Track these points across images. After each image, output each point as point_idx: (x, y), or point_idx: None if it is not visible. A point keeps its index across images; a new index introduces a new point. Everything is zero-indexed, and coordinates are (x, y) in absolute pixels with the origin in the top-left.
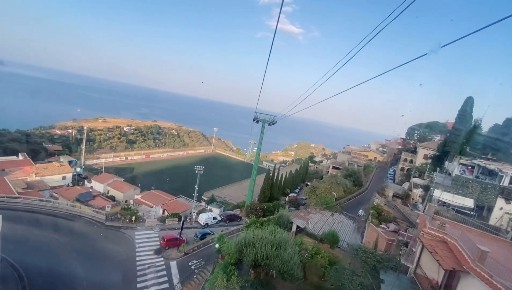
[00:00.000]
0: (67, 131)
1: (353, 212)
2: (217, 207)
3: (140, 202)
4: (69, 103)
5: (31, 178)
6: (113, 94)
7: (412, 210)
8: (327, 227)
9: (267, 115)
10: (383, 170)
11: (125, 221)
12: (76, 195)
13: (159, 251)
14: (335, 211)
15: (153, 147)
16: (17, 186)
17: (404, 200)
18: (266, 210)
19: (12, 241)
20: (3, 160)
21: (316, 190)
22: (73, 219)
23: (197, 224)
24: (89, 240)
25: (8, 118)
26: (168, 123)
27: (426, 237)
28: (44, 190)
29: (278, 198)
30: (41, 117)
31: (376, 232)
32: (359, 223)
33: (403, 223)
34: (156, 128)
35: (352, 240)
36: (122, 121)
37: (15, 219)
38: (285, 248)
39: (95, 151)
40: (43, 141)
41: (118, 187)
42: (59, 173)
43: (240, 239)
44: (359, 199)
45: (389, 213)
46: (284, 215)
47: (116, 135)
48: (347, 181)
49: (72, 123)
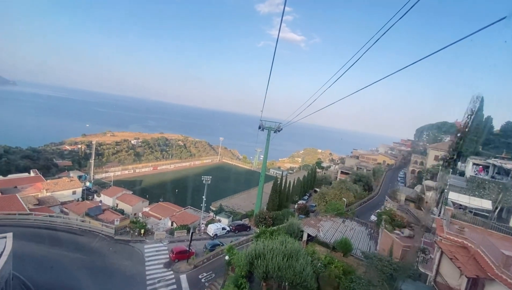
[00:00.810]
0: (77, 146)
1: (364, 217)
2: (226, 217)
3: (148, 215)
4: (78, 119)
5: (42, 194)
6: (120, 109)
7: (427, 214)
8: (339, 235)
9: (272, 122)
10: (393, 173)
11: (134, 235)
12: (86, 209)
13: (169, 264)
14: (346, 218)
15: (161, 159)
16: (28, 202)
17: (417, 203)
18: (275, 218)
19: (23, 258)
20: (16, 177)
21: (326, 197)
22: (83, 234)
23: (206, 235)
24: (99, 255)
25: (20, 136)
26: (174, 135)
27: (445, 242)
28: (54, 206)
29: (287, 206)
30: (52, 133)
31: (390, 238)
32: (372, 229)
33: (418, 228)
34: (163, 140)
35: (366, 248)
36: (130, 134)
37: (26, 236)
38: (297, 258)
39: (104, 165)
40: (53, 157)
41: (126, 200)
42: (69, 188)
43: (250, 251)
44: (370, 204)
45: (402, 218)
46: (294, 224)
47: (124, 148)
48: (357, 186)
49: (82, 138)
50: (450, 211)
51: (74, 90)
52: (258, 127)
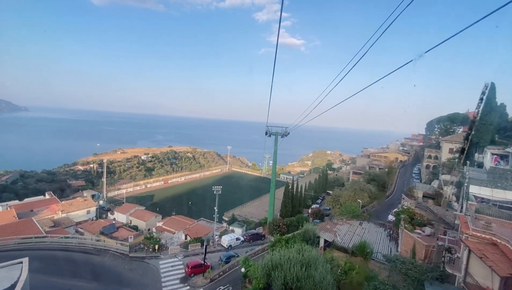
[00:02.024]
0: (89, 166)
1: (382, 218)
2: (239, 227)
3: (162, 229)
4: (89, 139)
5: (58, 215)
6: (128, 126)
7: (447, 210)
8: (357, 238)
9: (279, 127)
10: (407, 170)
11: (149, 251)
12: (100, 228)
13: (185, 279)
14: (363, 220)
15: (171, 172)
16: (44, 225)
17: (436, 199)
18: (289, 225)
19: (40, 282)
20: (32, 200)
21: (340, 199)
22: (98, 253)
23: (220, 247)
24: (115, 274)
25: (35, 159)
26: (183, 147)
27: (471, 240)
28: (69, 227)
29: (300, 211)
30: (64, 155)
31: (411, 238)
32: (390, 229)
33: (440, 225)
34: (172, 153)
35: (387, 250)
36: (139, 150)
37: (42, 258)
38: (315, 267)
39: (116, 183)
40: (67, 178)
41: (140, 216)
42: (83, 208)
43: (267, 262)
44: (386, 204)
45: (422, 215)
46: (309, 230)
47: (134, 164)
48: (371, 185)
49: (93, 157)
50: (474, 206)
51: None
52: (265, 133)
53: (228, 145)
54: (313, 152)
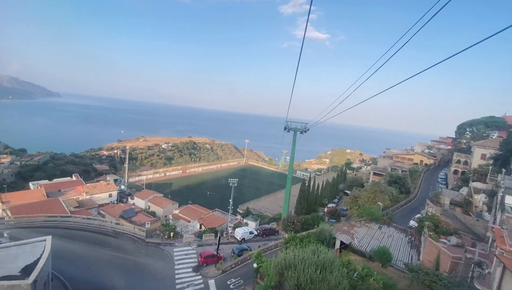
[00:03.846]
0: (113, 151)
1: (402, 223)
2: (253, 220)
3: (178, 217)
4: (114, 126)
5: (82, 197)
6: (151, 115)
7: (478, 220)
8: (376, 242)
9: (298, 123)
10: (432, 174)
11: (164, 237)
12: (120, 212)
13: (197, 268)
14: (383, 223)
15: (189, 162)
16: (70, 205)
17: (465, 208)
18: (304, 223)
19: (64, 258)
20: (60, 181)
21: (358, 200)
22: (117, 236)
23: (233, 239)
24: (131, 257)
25: (64, 143)
26: (202, 138)
27: (508, 256)
28: (92, 208)
29: (315, 209)
30: (91, 140)
31: (436, 248)
32: (412, 236)
33: (467, 236)
34: (191, 143)
35: (407, 258)
36: (161, 139)
37: (65, 237)
38: (331, 270)
39: (137, 169)
40: (93, 162)
41: (158, 203)
42: (106, 191)
43: (280, 260)
44: (407, 208)
45: (447, 224)
46: (325, 230)
47: (155, 152)
48: (392, 188)
49: (117, 144)
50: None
51: (110, 99)
52: (284, 128)
53: (246, 138)
54: (332, 150)
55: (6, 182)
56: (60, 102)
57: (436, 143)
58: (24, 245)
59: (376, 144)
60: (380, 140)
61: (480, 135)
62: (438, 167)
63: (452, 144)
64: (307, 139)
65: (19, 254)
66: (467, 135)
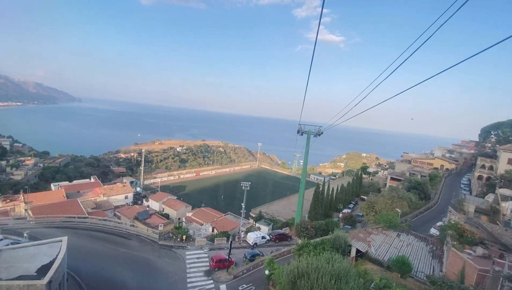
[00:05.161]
0: (130, 154)
1: (422, 231)
2: (265, 224)
3: (191, 219)
4: (131, 129)
5: (99, 198)
6: (167, 119)
7: (506, 230)
8: (394, 251)
9: (312, 126)
10: (454, 179)
11: (177, 240)
12: (135, 213)
13: (209, 272)
14: (402, 231)
15: (203, 165)
16: (87, 206)
17: (491, 216)
18: (318, 228)
19: (78, 257)
20: (79, 183)
21: (375, 206)
22: (131, 238)
23: (245, 243)
24: (144, 259)
25: (85, 145)
26: (215, 141)
27: None
28: (108, 210)
29: (330, 215)
30: (109, 143)
31: (460, 259)
32: (433, 245)
33: (494, 247)
34: (205, 146)
35: (429, 269)
36: (175, 142)
37: (82, 237)
38: (346, 280)
39: (152, 172)
40: (110, 164)
41: (171, 205)
42: (122, 193)
43: (293, 268)
44: (428, 215)
45: (473, 233)
46: (340, 237)
47: (170, 155)
48: (411, 194)
49: (134, 147)
50: None
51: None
52: (297, 131)
53: (259, 141)
54: (346, 154)
55: (29, 183)
56: (81, 106)
57: (457, 147)
58: (41, 245)
59: (393, 148)
60: (397, 144)
61: (507, 139)
62: (460, 172)
63: (475, 148)
64: (321, 143)
65: (36, 254)
66: (492, 138)
